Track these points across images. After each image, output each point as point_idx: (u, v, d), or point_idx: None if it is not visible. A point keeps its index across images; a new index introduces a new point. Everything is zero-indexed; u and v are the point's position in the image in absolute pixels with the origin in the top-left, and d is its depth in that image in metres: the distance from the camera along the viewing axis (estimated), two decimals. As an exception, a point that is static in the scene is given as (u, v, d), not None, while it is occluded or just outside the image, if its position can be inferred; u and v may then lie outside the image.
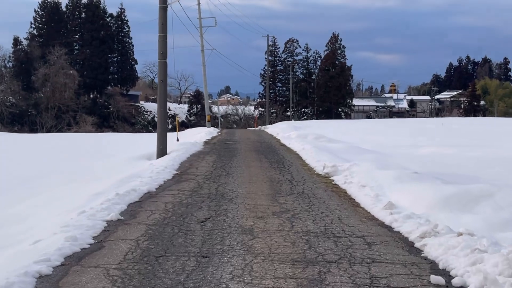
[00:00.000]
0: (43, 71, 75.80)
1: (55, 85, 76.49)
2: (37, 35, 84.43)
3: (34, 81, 76.32)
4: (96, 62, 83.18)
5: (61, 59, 77.09)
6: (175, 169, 14.56)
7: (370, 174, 12.23)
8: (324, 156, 16.16)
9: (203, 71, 41.14)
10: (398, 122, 49.68)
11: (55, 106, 75.28)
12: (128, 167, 15.21)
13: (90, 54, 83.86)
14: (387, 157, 16.30)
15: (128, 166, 15.33)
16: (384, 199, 9.76)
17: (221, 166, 15.58)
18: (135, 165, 15.86)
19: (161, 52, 19.03)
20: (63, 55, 77.16)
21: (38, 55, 78.83)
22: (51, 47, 76.81)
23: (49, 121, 71.79)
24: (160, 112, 19.77)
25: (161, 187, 11.65)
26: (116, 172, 14.07)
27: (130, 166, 15.50)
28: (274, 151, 20.43)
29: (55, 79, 76.15)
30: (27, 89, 78.23)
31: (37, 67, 75.89)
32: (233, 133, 34.04)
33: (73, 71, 78.91)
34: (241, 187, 11.60)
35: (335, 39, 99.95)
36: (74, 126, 68.27)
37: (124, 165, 15.90)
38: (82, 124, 68.40)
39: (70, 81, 77.00)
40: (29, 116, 74.22)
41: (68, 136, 37.66)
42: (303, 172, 14.41)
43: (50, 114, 73.68)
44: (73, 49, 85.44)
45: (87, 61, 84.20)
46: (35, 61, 77.82)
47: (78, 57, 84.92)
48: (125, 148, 22.96)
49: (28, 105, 76.02)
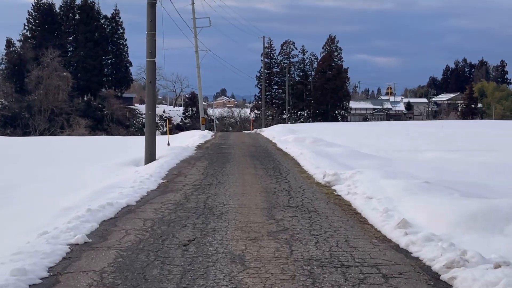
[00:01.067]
0: (36, 73, 74.43)
1: (48, 87, 75.13)
2: (30, 36, 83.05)
3: (27, 84, 74.92)
4: (90, 64, 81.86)
5: (55, 61, 75.71)
6: (161, 178, 13.28)
7: (376, 183, 11.07)
8: (323, 162, 15.01)
9: (197, 73, 39.91)
10: (396, 125, 48.47)
11: (48, 109, 73.89)
12: (112, 174, 13.84)
13: (84, 56, 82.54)
14: (389, 163, 15.09)
15: (112, 173, 13.90)
16: (396, 214, 8.50)
17: (213, 173, 14.26)
18: (119, 172, 14.52)
19: (149, 51, 17.65)
20: (56, 57, 75.77)
21: (31, 57, 77.44)
22: (44, 49, 75.46)
23: (42, 124, 70.41)
24: (148, 115, 18.33)
25: (143, 200, 10.35)
26: (97, 180, 12.74)
27: (115, 173, 14.06)
28: (270, 156, 19.03)
29: (48, 81, 74.80)
30: (20, 92, 76.80)
31: (30, 69, 74.53)
32: (228, 137, 32.57)
33: (66, 73, 77.55)
34: (233, 200, 10.32)
35: (332, 41, 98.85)
36: (67, 129, 66.90)
37: (108, 172, 14.52)
38: (75, 127, 67.05)
39: (63, 83, 75.65)
40: (21, 119, 72.77)
41: (58, 140, 36.28)
42: (301, 180, 13.15)
43: (43, 116, 72.30)
44: (67, 51, 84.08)
45: (81, 63, 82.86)
46: (28, 63, 76.44)
47: (72, 59, 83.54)
48: (115, 152, 21.49)
49: (21, 108, 74.57)
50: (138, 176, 12.89)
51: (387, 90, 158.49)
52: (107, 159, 18.31)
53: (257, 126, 64.10)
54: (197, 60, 39.47)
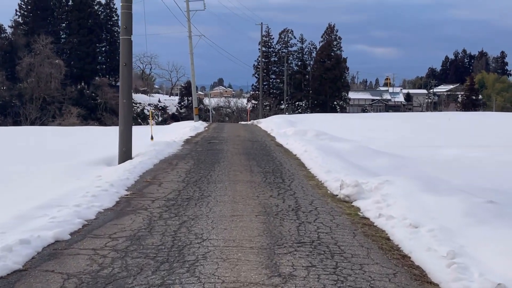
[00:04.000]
0: (28, 60, 72.64)
1: (40, 75, 73.35)
2: (22, 23, 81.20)
3: (19, 71, 73.13)
4: (84, 52, 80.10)
5: (47, 48, 73.88)
6: (126, 187, 10.49)
7: (415, 200, 8.44)
8: (333, 163, 12.84)
9: (191, 59, 38.07)
10: (399, 117, 46.90)
11: (40, 97, 72.14)
12: (72, 178, 11.31)
13: (78, 43, 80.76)
14: (407, 162, 13.47)
15: (72, 177, 11.38)
16: (472, 266, 5.56)
17: (196, 180, 11.48)
18: (82, 175, 11.74)
19: (124, 26, 14.51)
20: (49, 44, 73.95)
21: (22, 43, 75.68)
22: (36, 36, 73.62)
23: (33, 112, 68.66)
24: (123, 105, 14.81)
25: (84, 230, 7.36)
26: (46, 187, 10.39)
27: (75, 176, 11.49)
28: (269, 154, 16.58)
29: (40, 68, 73.01)
30: (11, 79, 75.03)
31: (22, 56, 72.71)
32: (222, 129, 30.37)
33: (59, 60, 75.76)
34: (217, 229, 7.44)
35: (331, 30, 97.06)
36: (58, 118, 65.06)
37: (68, 174, 11.99)
38: (67, 116, 65.22)
39: (55, 71, 73.86)
40: (12, 108, 71.01)
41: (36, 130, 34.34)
42: (311, 191, 10.52)
43: (35, 105, 70.55)
44: (59, 38, 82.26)
45: (74, 51, 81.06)
46: (20, 50, 74.63)
47: (65, 46, 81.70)
48: (92, 146, 19.50)
49: (12, 96, 72.81)
50: (95, 186, 9.97)
51: (385, 81, 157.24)
52: (79, 154, 16.27)
53: (254, 116, 62.49)
54: (190, 46, 37.68)
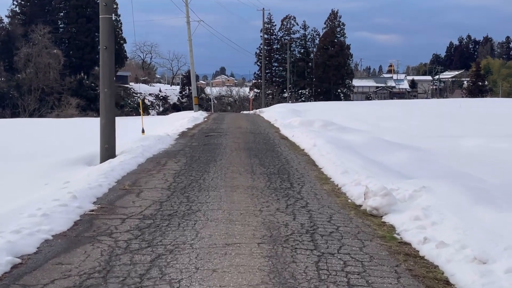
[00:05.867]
0: (26, 50, 71.18)
1: (38, 65, 71.93)
2: (20, 12, 79.66)
3: (16, 62, 71.69)
4: (83, 41, 78.53)
5: (45, 38, 72.36)
6: (94, 199, 8.20)
7: (471, 218, 6.38)
8: (349, 160, 11.09)
9: (189, 46, 36.43)
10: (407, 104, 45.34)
11: (39, 88, 70.73)
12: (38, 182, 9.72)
13: (76, 32, 79.21)
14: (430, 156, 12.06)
15: (39, 181, 9.84)
16: None
17: (185, 186, 9.41)
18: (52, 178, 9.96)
19: (103, 4, 12.51)
20: (46, 33, 72.41)
21: (20, 33, 74.12)
22: (34, 25, 72.09)
23: (32, 103, 67.38)
24: (104, 95, 12.78)
25: (10, 276, 5.05)
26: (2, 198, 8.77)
27: (43, 180, 9.86)
28: (273, 150, 14.68)
29: (38, 59, 71.55)
30: (9, 70, 73.65)
31: (19, 47, 71.24)
32: (222, 119, 28.52)
33: (57, 50, 74.24)
34: (202, 271, 5.11)
35: (334, 16, 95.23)
36: (56, 109, 63.75)
37: (38, 175, 10.35)
38: (65, 107, 63.89)
39: (54, 61, 72.37)
40: (10, 99, 69.63)
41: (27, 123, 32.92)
42: (327, 200, 8.36)
43: (34, 96, 69.20)
44: (58, 28, 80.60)
45: (73, 40, 79.57)
46: (18, 40, 73.12)
47: (64, 35, 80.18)
48: (85, 139, 17.95)
49: (10, 87, 71.42)
50: (52, 200, 7.62)
51: (389, 67, 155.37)
52: (62, 150, 14.84)
53: (256, 105, 61.01)
54: (188, 32, 36.11)
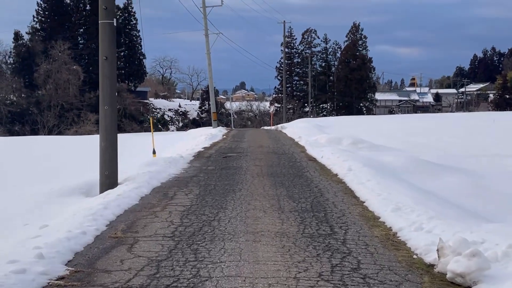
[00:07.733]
0: (45, 67, 70.90)
1: (57, 81, 71.64)
2: (40, 29, 79.61)
3: (36, 78, 71.43)
4: (102, 57, 78.16)
5: (65, 54, 72.05)
6: (68, 258, 6.17)
7: None
8: (396, 189, 9.24)
9: (208, 60, 35.09)
10: (435, 119, 43.39)
11: (58, 104, 70.31)
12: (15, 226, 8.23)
13: (96, 48, 78.52)
14: (485, 182, 10.38)
15: (10, 226, 8.00)
16: None
17: (194, 232, 7.34)
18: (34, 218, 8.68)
19: (103, 7, 11.11)
20: (66, 49, 72.09)
21: (40, 50, 73.92)
22: (54, 42, 71.83)
23: (51, 120, 66.90)
24: (104, 113, 11.17)
25: None
26: None
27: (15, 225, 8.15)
28: (301, 175, 12.52)
29: (58, 75, 71.27)
30: (29, 87, 73.41)
31: (39, 63, 70.98)
32: (242, 137, 26.74)
33: (77, 66, 73.85)
34: None
35: (356, 29, 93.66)
36: (74, 125, 63.14)
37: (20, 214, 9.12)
38: (83, 123, 63.25)
39: (73, 77, 72.02)
40: (30, 115, 69.29)
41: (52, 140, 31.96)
42: (384, 256, 6.28)
43: (53, 112, 68.75)
44: (77, 43, 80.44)
45: (93, 56, 79.07)
46: (37, 57, 72.91)
47: (83, 51, 79.91)
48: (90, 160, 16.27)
49: (29, 104, 71.14)
50: (8, 261, 5.74)
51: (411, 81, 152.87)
52: (64, 174, 13.57)
53: (277, 120, 59.53)
54: (207, 45, 34.74)
